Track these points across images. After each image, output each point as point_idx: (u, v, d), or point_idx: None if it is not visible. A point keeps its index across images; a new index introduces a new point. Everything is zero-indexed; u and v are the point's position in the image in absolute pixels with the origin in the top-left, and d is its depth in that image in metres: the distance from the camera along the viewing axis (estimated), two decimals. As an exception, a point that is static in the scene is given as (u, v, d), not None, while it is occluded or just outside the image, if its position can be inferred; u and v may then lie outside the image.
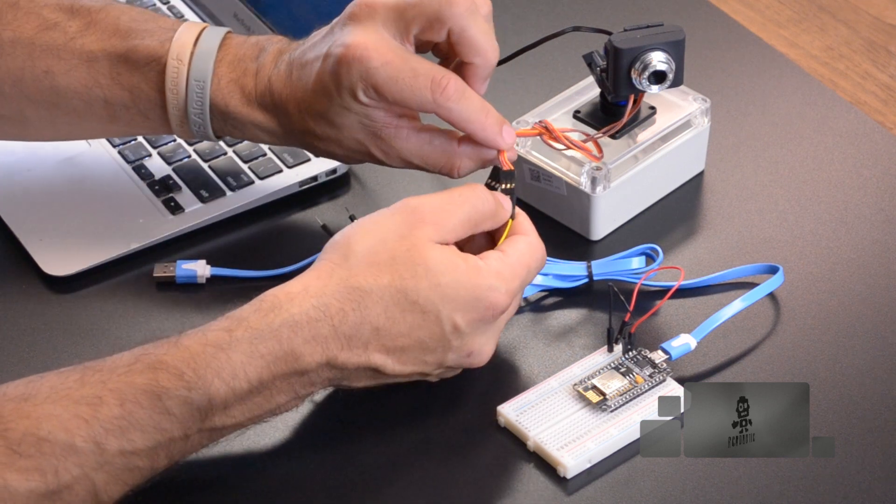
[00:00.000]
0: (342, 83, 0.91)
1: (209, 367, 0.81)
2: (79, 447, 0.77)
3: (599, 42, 1.00)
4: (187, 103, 0.96)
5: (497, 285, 0.86)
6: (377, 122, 0.93)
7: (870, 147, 1.10)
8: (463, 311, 0.86)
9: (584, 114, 1.05)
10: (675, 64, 0.98)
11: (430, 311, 0.85)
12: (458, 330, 0.86)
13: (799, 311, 0.97)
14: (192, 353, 0.81)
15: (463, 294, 0.85)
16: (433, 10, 0.91)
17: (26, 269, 1.02)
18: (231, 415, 0.82)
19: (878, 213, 1.05)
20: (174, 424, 0.80)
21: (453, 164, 0.95)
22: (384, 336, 0.85)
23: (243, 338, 0.82)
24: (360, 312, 0.84)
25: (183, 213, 1.05)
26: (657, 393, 0.90)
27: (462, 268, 0.86)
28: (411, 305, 0.85)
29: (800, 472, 0.87)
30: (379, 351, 0.85)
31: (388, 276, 0.85)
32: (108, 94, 0.97)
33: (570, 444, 0.88)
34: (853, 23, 1.26)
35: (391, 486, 0.87)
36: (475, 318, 0.86)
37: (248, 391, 0.82)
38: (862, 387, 0.92)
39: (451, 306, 0.85)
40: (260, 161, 1.09)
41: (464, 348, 0.87)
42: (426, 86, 0.90)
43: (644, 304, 0.96)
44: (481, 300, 0.86)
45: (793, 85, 1.17)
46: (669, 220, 1.05)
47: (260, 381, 0.82)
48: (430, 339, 0.86)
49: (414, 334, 0.85)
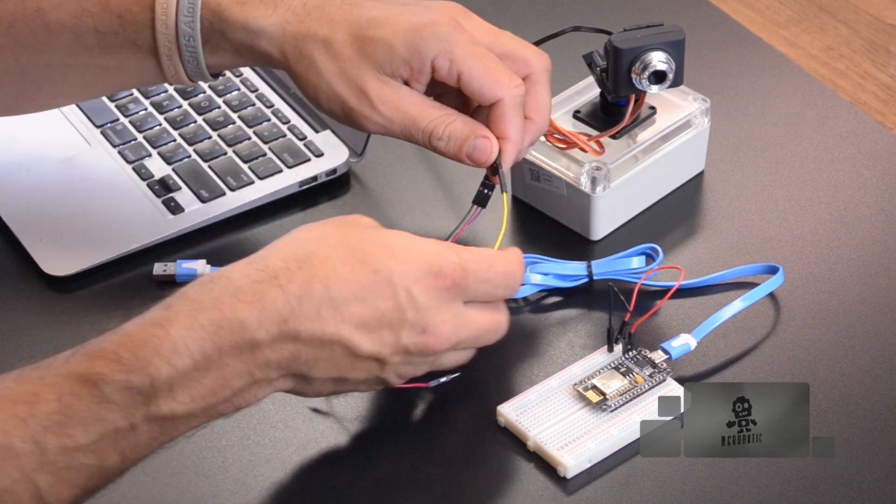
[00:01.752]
0: (424, 40, 0.90)
1: (147, 346, 0.75)
2: (17, 448, 0.73)
3: (599, 42, 1.00)
4: (178, 9, 0.93)
5: (448, 254, 0.83)
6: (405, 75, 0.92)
7: (870, 147, 1.10)
8: (416, 278, 0.81)
9: (584, 114, 1.05)
10: (675, 64, 0.98)
11: (381, 272, 0.80)
12: (414, 299, 0.81)
13: (799, 311, 0.97)
14: (130, 336, 0.76)
15: (413, 257, 0.81)
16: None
17: (26, 269, 1.02)
18: (179, 399, 0.76)
19: (878, 213, 1.05)
20: (116, 413, 0.75)
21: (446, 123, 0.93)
22: (337, 300, 0.79)
23: (182, 310, 0.77)
24: (308, 271, 0.79)
25: (183, 213, 1.05)
26: (657, 393, 0.90)
27: (412, 236, 0.83)
28: (361, 264, 0.80)
29: (800, 472, 0.87)
30: (334, 317, 0.79)
31: (335, 238, 0.81)
32: (97, 22, 0.95)
33: (570, 444, 0.88)
34: (853, 23, 1.26)
35: (391, 486, 0.87)
36: (430, 286, 0.81)
37: (194, 368, 0.76)
38: (862, 387, 0.92)
39: (403, 269, 0.81)
40: (260, 161, 1.09)
41: (419, 323, 0.82)
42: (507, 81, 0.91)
43: (644, 304, 0.96)
44: (433, 265, 0.82)
45: (793, 85, 1.17)
46: (669, 220, 1.05)
47: (204, 356, 0.76)
48: (385, 308, 0.80)
49: (368, 299, 0.80)
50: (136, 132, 1.12)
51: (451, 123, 0.92)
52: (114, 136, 1.12)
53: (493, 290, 0.86)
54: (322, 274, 0.79)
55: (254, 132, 1.12)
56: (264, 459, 0.89)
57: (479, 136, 0.92)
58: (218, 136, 1.11)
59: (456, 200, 1.07)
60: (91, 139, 1.12)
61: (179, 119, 1.13)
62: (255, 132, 1.12)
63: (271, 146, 1.10)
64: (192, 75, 0.97)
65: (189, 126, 1.12)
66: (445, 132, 0.92)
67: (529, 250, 1.02)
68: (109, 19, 0.95)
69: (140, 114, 1.13)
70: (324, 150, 1.10)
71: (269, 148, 1.10)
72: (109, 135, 1.12)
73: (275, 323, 0.78)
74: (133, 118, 1.13)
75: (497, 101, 0.92)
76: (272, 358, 0.79)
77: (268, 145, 1.10)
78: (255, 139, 1.11)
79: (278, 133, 1.11)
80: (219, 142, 1.11)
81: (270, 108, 1.14)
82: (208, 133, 1.12)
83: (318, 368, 0.81)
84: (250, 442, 0.90)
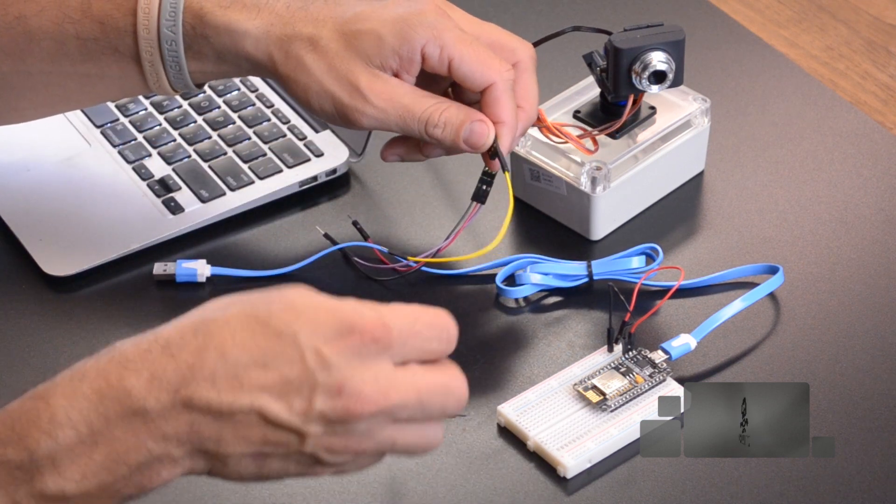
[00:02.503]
0: (412, 28, 0.90)
1: (24, 419, 0.68)
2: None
3: (599, 42, 1.00)
4: (160, 13, 0.93)
5: (363, 310, 0.70)
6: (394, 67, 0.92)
7: (870, 147, 1.10)
8: (326, 338, 0.69)
9: (584, 114, 1.05)
10: (675, 64, 0.98)
11: (285, 334, 0.69)
12: (324, 360, 0.69)
13: (799, 311, 0.97)
14: (7, 411, 0.69)
15: (322, 316, 0.70)
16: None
17: (26, 269, 1.02)
18: (67, 476, 0.68)
19: (878, 213, 1.05)
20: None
21: (441, 112, 0.92)
22: (235, 365, 0.69)
23: (63, 381, 0.69)
24: (203, 338, 0.69)
25: (183, 213, 1.05)
26: (657, 393, 0.90)
27: (321, 296, 0.71)
28: (263, 327, 0.69)
29: (800, 472, 0.87)
30: (231, 385, 0.69)
31: (238, 305, 0.71)
32: (79, 29, 0.94)
33: (570, 444, 0.88)
34: (853, 23, 1.26)
35: (391, 486, 0.87)
36: (342, 345, 0.69)
37: (78, 441, 0.68)
38: (862, 387, 0.92)
39: (311, 330, 0.69)
40: (260, 161, 1.09)
41: (333, 383, 0.69)
42: (498, 65, 0.91)
43: (644, 304, 0.96)
44: (345, 322, 0.70)
45: (793, 85, 1.17)
46: (669, 220, 1.05)
47: (89, 427, 0.68)
48: (291, 373, 0.69)
49: (272, 364, 0.69)
50: (136, 132, 1.12)
51: (446, 110, 0.92)
52: (114, 136, 1.12)
53: (426, 343, 0.72)
54: (218, 340, 0.69)
55: (254, 132, 1.12)
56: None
57: (475, 120, 0.92)
58: (218, 136, 1.11)
59: (456, 200, 1.07)
60: (91, 139, 1.12)
61: (179, 119, 1.13)
62: (255, 132, 1.12)
63: (271, 146, 1.10)
64: (174, 83, 0.96)
65: (189, 126, 1.12)
66: (441, 119, 0.92)
67: (529, 250, 1.02)
68: (91, 25, 0.94)
69: (140, 114, 1.13)
70: (324, 150, 1.10)
71: (269, 148, 1.10)
72: (109, 135, 1.12)
73: (164, 391, 0.69)
74: (133, 118, 1.13)
75: (489, 86, 0.92)
76: (168, 430, 0.69)
77: (268, 145, 1.10)
78: (255, 139, 1.11)
79: (278, 133, 1.11)
80: (219, 142, 1.11)
81: (270, 108, 1.14)
82: (208, 133, 1.12)
83: (226, 444, 0.70)
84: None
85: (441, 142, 0.93)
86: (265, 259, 1.02)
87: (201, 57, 0.95)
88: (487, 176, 0.94)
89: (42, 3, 0.95)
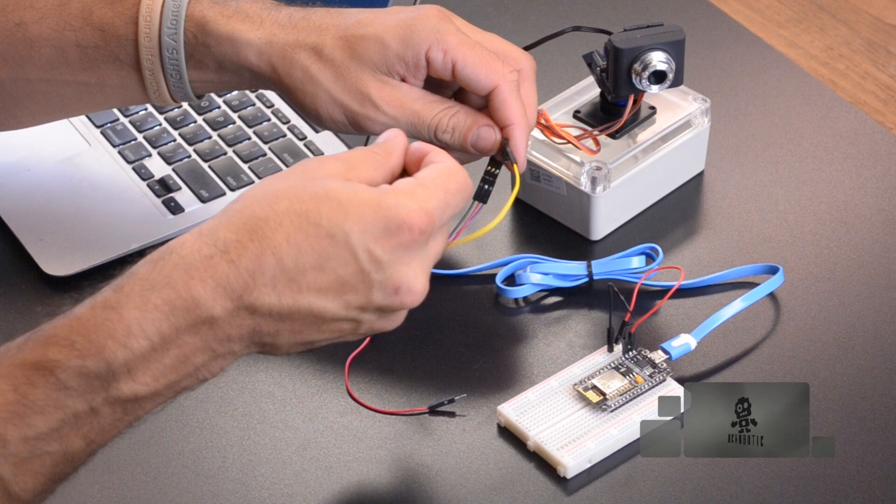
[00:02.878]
0: (415, 33, 0.90)
1: (100, 330, 0.74)
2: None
3: (599, 42, 1.00)
4: (161, 21, 0.93)
5: (406, 202, 0.77)
6: (400, 71, 0.92)
7: (870, 147, 1.10)
8: (377, 238, 0.76)
9: (584, 114, 1.05)
10: (675, 64, 0.98)
11: (337, 236, 0.76)
12: (377, 260, 0.77)
13: (799, 311, 0.97)
14: (81, 320, 0.74)
15: (370, 214, 0.76)
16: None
17: (26, 269, 1.02)
18: (140, 381, 0.74)
19: (878, 213, 1.05)
20: (75, 399, 0.73)
21: (450, 118, 0.93)
22: (292, 269, 0.76)
23: (133, 291, 0.74)
24: (259, 242, 0.75)
25: (183, 213, 1.05)
26: (657, 393, 0.90)
27: (363, 189, 0.78)
28: (315, 228, 0.76)
29: (800, 472, 0.87)
30: (290, 289, 0.76)
31: (286, 201, 0.76)
32: (79, 37, 0.94)
33: (570, 444, 0.88)
34: (853, 23, 1.26)
35: (391, 486, 0.87)
36: (393, 243, 0.77)
37: (151, 349, 0.74)
38: (862, 387, 0.92)
39: (360, 230, 0.76)
40: (260, 161, 1.09)
41: (388, 282, 0.78)
42: (501, 68, 0.91)
43: (644, 304, 0.96)
44: (392, 221, 0.77)
45: (793, 85, 1.17)
46: (669, 220, 1.05)
47: (161, 337, 0.74)
48: (346, 274, 0.77)
49: (327, 266, 0.76)
50: (136, 132, 1.12)
51: (455, 115, 0.92)
52: (114, 136, 1.12)
53: (456, 208, 0.81)
54: (274, 244, 0.75)
55: (254, 132, 1.12)
56: (264, 459, 0.89)
57: (482, 124, 0.92)
58: (218, 135, 1.11)
59: (456, 200, 1.07)
60: (91, 139, 1.12)
61: (179, 119, 1.13)
62: (255, 132, 1.12)
63: (271, 146, 1.10)
64: (174, 93, 0.96)
65: (189, 126, 1.12)
66: (450, 124, 0.92)
67: (529, 250, 1.02)
68: (91, 33, 0.94)
69: (140, 114, 1.13)
70: (324, 150, 1.10)
71: (269, 148, 1.10)
72: (109, 135, 1.12)
73: (229, 298, 0.75)
74: (133, 118, 1.13)
75: (494, 88, 0.92)
76: (232, 333, 0.76)
77: (268, 145, 1.10)
78: (255, 139, 1.11)
79: (278, 133, 1.11)
80: (219, 142, 1.11)
81: (270, 108, 1.14)
82: (208, 133, 1.12)
83: (281, 337, 0.78)
84: (250, 442, 0.90)
85: (449, 146, 0.93)
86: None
87: (202, 66, 0.94)
88: (489, 175, 0.94)
89: (43, 10, 0.95)
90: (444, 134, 0.92)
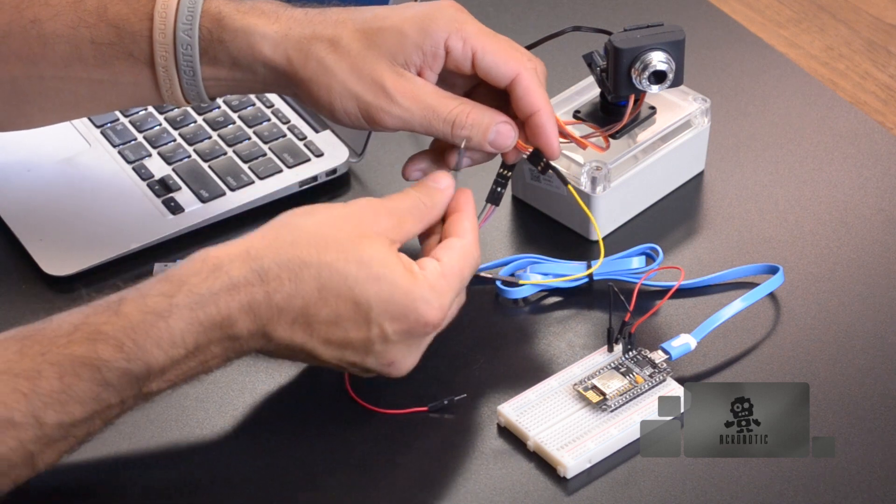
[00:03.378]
0: (434, 21, 0.91)
1: (149, 337, 0.80)
2: (17, 421, 0.78)
3: (599, 42, 1.00)
4: (177, 17, 0.93)
5: (430, 298, 0.85)
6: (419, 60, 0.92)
7: (870, 147, 1.10)
8: (393, 320, 0.85)
9: (585, 114, 1.05)
10: (675, 64, 0.98)
11: (361, 305, 0.84)
12: (385, 336, 0.85)
13: (799, 311, 0.97)
14: (131, 323, 0.80)
15: (397, 298, 0.84)
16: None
17: (26, 269, 1.02)
18: (167, 379, 0.82)
19: (878, 213, 1.05)
20: (111, 393, 0.80)
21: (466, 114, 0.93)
22: (312, 316, 0.84)
23: (183, 304, 0.81)
24: (296, 285, 0.83)
25: (183, 213, 1.05)
26: (657, 393, 0.90)
27: (400, 271, 0.85)
28: (347, 291, 0.83)
29: (800, 472, 0.87)
30: (304, 331, 0.84)
31: (333, 254, 0.84)
32: (94, 33, 0.94)
33: (570, 444, 0.88)
34: (853, 23, 1.26)
35: (391, 486, 0.87)
36: (404, 328, 0.85)
37: (185, 356, 0.82)
38: (862, 387, 0.92)
39: (382, 308, 0.84)
40: (260, 161, 1.09)
41: (386, 356, 0.86)
42: (520, 56, 0.92)
43: (644, 304, 0.96)
44: (412, 311, 0.85)
45: (793, 85, 1.17)
46: (669, 220, 1.05)
47: (196, 347, 0.82)
48: (355, 337, 0.85)
49: (341, 325, 0.84)
50: (136, 132, 1.12)
51: (472, 111, 0.92)
52: (114, 136, 1.12)
53: (462, 291, 0.89)
54: (306, 290, 0.83)
55: (254, 132, 1.12)
56: (264, 459, 0.89)
57: (500, 121, 0.92)
58: (218, 136, 1.11)
59: (456, 200, 1.07)
60: (91, 139, 1.12)
61: (179, 119, 1.13)
62: (255, 132, 1.12)
63: (271, 146, 1.10)
64: (187, 92, 0.95)
65: (189, 126, 1.12)
66: (468, 120, 0.92)
67: (529, 250, 1.02)
68: (106, 30, 0.94)
69: (140, 114, 1.13)
70: (324, 150, 1.10)
71: (269, 148, 1.10)
72: (109, 135, 1.12)
73: (254, 322, 0.83)
74: (133, 118, 1.13)
75: (516, 77, 0.92)
76: (246, 348, 0.85)
77: (268, 145, 1.10)
78: (255, 139, 1.11)
79: (278, 133, 1.11)
80: (219, 142, 1.11)
81: (270, 108, 1.14)
82: (208, 133, 1.12)
83: (282, 354, 0.87)
84: (250, 442, 0.89)
85: (467, 143, 0.92)
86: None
87: (216, 62, 0.94)
88: (502, 178, 0.94)
89: (57, 8, 0.95)
90: (462, 130, 0.92)
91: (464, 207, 0.90)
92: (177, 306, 0.81)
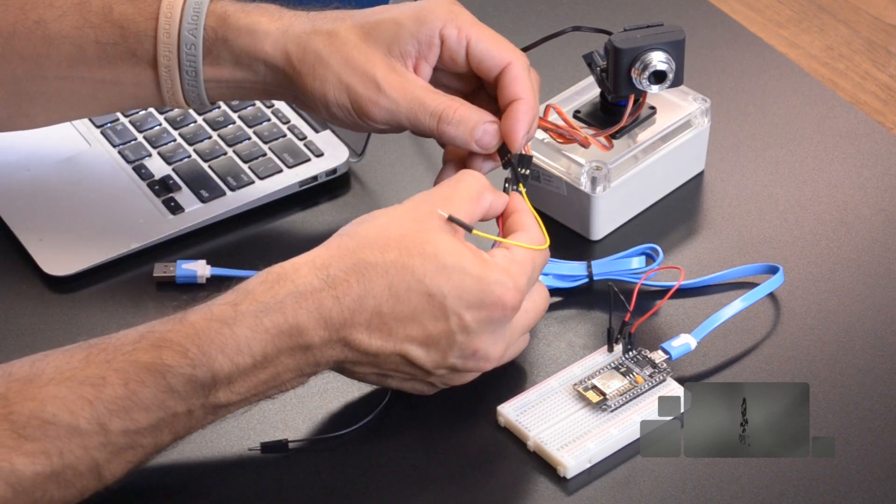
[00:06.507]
0: (430, 12, 0.93)
1: (213, 343, 0.80)
2: (83, 428, 0.77)
3: (599, 42, 1.00)
4: (182, 17, 0.94)
5: (504, 280, 0.85)
6: (413, 51, 0.93)
7: (870, 147, 1.10)
8: (469, 307, 0.84)
9: (585, 114, 1.05)
10: (675, 64, 0.98)
11: (435, 296, 0.83)
12: (465, 326, 0.84)
13: (799, 311, 0.97)
14: (196, 329, 0.80)
15: (469, 284, 0.84)
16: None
17: (26, 269, 1.02)
18: (235, 391, 0.81)
19: (878, 213, 1.05)
20: (177, 401, 0.80)
21: (455, 110, 0.93)
22: (388, 315, 0.83)
23: (248, 312, 0.81)
24: (364, 285, 0.82)
25: (183, 213, 1.05)
26: (657, 393, 0.90)
27: (469, 257, 0.84)
28: (418, 284, 0.83)
29: (800, 472, 0.87)
30: (381, 332, 0.83)
31: (396, 251, 0.83)
32: (98, 34, 0.95)
33: (570, 444, 0.88)
34: (853, 23, 1.26)
35: (391, 486, 0.87)
36: (483, 316, 0.85)
37: (253, 366, 0.81)
38: (862, 387, 0.92)
39: (457, 296, 0.83)
40: (260, 161, 1.09)
41: (469, 346, 0.85)
42: (513, 46, 0.93)
43: (644, 304, 0.96)
44: (488, 295, 0.84)
45: (793, 85, 1.17)
46: (669, 220, 1.05)
47: (264, 356, 0.81)
48: (435, 330, 0.84)
49: (418, 319, 0.84)
50: (136, 132, 1.12)
51: (460, 108, 0.93)
52: (114, 135, 1.12)
53: (536, 279, 0.89)
54: (376, 290, 0.83)
55: (254, 132, 1.12)
56: (264, 459, 0.89)
57: (488, 121, 0.93)
58: (218, 136, 1.11)
59: (456, 200, 1.07)
60: (91, 139, 1.12)
61: (179, 119, 1.13)
62: (255, 132, 1.12)
63: (271, 146, 1.10)
64: (188, 94, 0.97)
65: (189, 126, 1.12)
66: (456, 116, 0.93)
67: (529, 250, 1.02)
68: (111, 30, 0.95)
69: (140, 114, 1.13)
70: (324, 150, 1.10)
71: (269, 148, 1.10)
72: (109, 135, 1.12)
73: (327, 330, 0.82)
74: (133, 118, 1.13)
75: (507, 65, 0.93)
76: (321, 358, 0.83)
77: (268, 145, 1.10)
78: (255, 139, 1.11)
79: (278, 133, 1.11)
80: (219, 142, 1.11)
81: (270, 108, 1.14)
82: (208, 133, 1.12)
83: (362, 367, 0.86)
84: (251, 442, 0.89)
85: (453, 139, 0.93)
86: (265, 259, 1.01)
87: (219, 62, 0.96)
88: (517, 172, 0.94)
89: (63, 8, 0.96)
90: (449, 126, 0.93)
91: (520, 207, 0.91)
92: (241, 314, 0.81)
